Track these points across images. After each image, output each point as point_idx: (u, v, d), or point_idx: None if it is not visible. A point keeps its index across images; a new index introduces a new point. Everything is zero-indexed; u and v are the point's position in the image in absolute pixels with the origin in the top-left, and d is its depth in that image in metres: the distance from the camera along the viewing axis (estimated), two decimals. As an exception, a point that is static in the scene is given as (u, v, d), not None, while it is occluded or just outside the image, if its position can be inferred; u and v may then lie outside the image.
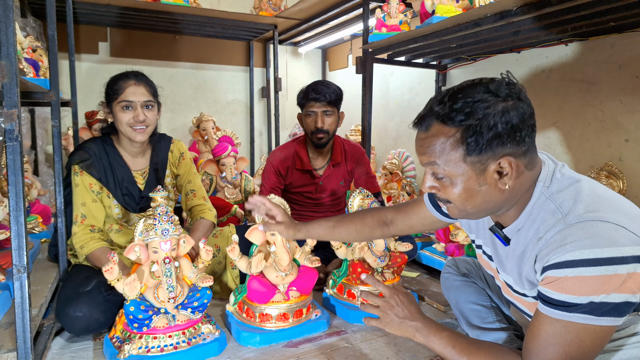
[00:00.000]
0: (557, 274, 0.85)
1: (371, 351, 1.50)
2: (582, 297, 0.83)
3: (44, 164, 3.24)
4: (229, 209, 2.72)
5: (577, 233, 0.84)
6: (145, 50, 3.82)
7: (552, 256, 0.86)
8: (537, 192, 0.95)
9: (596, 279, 0.81)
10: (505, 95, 0.88)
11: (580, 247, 0.83)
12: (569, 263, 0.83)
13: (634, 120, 2.07)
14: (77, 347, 1.53)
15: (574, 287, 0.83)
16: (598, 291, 0.82)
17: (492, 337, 1.29)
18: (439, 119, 0.91)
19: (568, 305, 0.84)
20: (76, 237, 1.69)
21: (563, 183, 0.94)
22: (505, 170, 0.90)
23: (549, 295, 0.87)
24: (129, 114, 1.70)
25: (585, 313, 0.83)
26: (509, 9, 1.82)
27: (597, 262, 0.81)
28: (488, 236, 1.12)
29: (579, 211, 0.87)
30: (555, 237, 0.88)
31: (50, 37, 1.74)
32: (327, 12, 3.25)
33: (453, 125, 0.89)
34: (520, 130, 0.88)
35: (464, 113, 0.88)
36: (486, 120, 0.86)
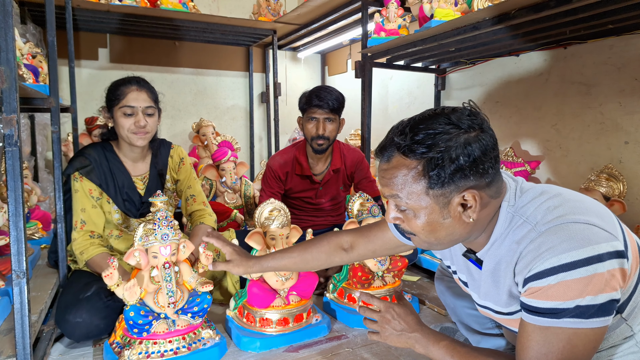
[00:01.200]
0: (540, 283, 0.84)
1: (372, 356, 1.49)
2: (569, 302, 0.81)
3: (44, 170, 3.24)
4: (228, 214, 2.71)
5: (551, 239, 0.83)
6: (145, 56, 3.83)
7: (531, 267, 0.85)
8: (504, 212, 0.94)
9: (578, 281, 0.80)
10: (467, 126, 0.86)
11: (556, 252, 0.82)
12: (550, 271, 0.82)
13: (634, 122, 2.07)
14: (76, 353, 1.52)
15: (559, 293, 0.82)
16: (583, 293, 0.81)
17: (492, 342, 1.28)
18: (400, 150, 0.89)
19: (556, 312, 0.83)
20: (76, 243, 1.68)
21: (526, 197, 0.93)
22: (470, 203, 0.89)
23: (535, 305, 0.86)
24: (130, 120, 1.70)
25: (573, 317, 0.82)
26: (507, 12, 1.82)
27: (576, 264, 0.80)
28: (462, 262, 1.11)
29: (547, 218, 0.86)
30: (529, 248, 0.86)
31: (50, 43, 1.75)
32: (325, 17, 3.26)
33: (414, 157, 0.87)
34: (483, 162, 0.86)
35: (425, 145, 0.86)
36: (447, 153, 0.84)
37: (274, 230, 1.56)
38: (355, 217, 1.80)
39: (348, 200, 1.86)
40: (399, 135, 0.90)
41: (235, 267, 1.33)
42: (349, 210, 1.83)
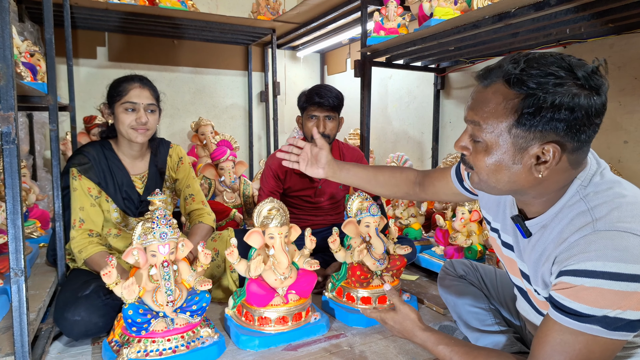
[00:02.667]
0: (574, 281, 0.81)
1: (371, 354, 1.49)
2: (597, 309, 0.79)
3: (42, 169, 3.23)
4: (227, 213, 2.71)
5: (604, 242, 0.79)
6: (144, 55, 3.82)
7: (572, 261, 0.81)
8: (573, 190, 0.89)
9: (615, 293, 0.77)
10: (583, 81, 0.80)
11: (604, 258, 0.78)
12: (589, 273, 0.79)
13: (633, 122, 2.07)
14: (75, 351, 1.52)
15: (590, 298, 0.79)
16: (614, 306, 0.78)
17: (491, 339, 1.28)
18: (505, 77, 0.84)
19: (581, 315, 0.81)
20: (74, 242, 1.68)
21: (601, 186, 0.87)
22: (546, 157, 0.83)
23: (562, 302, 0.83)
24: (131, 116, 1.70)
25: (598, 325, 0.80)
26: (507, 10, 1.82)
27: (620, 277, 0.77)
28: (509, 224, 1.06)
29: (611, 219, 0.81)
30: (579, 242, 0.82)
31: (48, 41, 1.74)
32: (325, 16, 3.25)
33: (516, 89, 0.82)
34: (582, 124, 0.81)
35: (534, 81, 0.80)
36: (552, 97, 0.79)
37: (272, 229, 1.56)
38: (354, 216, 1.80)
39: (347, 199, 1.85)
40: (510, 63, 0.84)
41: (328, 167, 1.41)
42: (347, 210, 1.83)
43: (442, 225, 2.31)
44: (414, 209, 2.62)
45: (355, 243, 1.77)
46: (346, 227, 1.76)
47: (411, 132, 3.56)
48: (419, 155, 3.47)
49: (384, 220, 1.85)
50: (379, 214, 1.78)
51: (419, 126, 3.46)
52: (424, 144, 3.42)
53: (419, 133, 3.47)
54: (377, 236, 1.76)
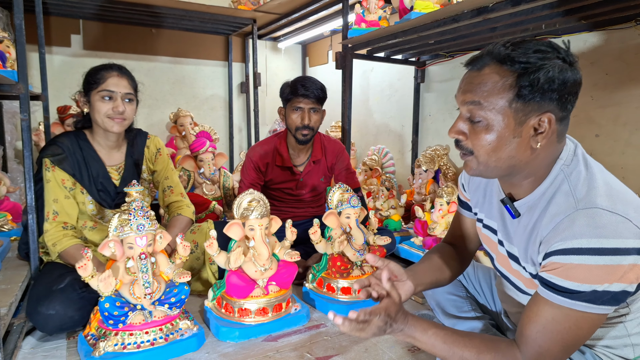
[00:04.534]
0: (563, 260, 0.85)
1: (350, 343, 1.50)
2: (586, 285, 0.83)
3: (13, 160, 3.14)
4: (207, 206, 2.68)
5: (586, 221, 0.84)
6: (121, 43, 3.73)
7: (559, 241, 0.86)
8: (557, 168, 0.95)
9: (601, 268, 0.82)
10: (565, 56, 0.89)
11: (587, 235, 0.83)
12: (576, 250, 0.84)
13: (605, 116, 2.13)
14: (50, 346, 1.49)
15: (580, 274, 0.83)
16: (602, 280, 0.82)
17: (468, 325, 1.30)
18: (498, 59, 0.90)
19: (571, 292, 0.85)
20: (48, 235, 1.64)
21: (580, 165, 0.94)
22: (543, 128, 0.90)
23: (552, 281, 0.87)
24: (108, 104, 1.66)
25: (587, 301, 0.84)
26: (485, 5, 1.84)
27: (603, 251, 0.82)
28: (496, 208, 1.10)
29: (591, 198, 0.87)
30: (564, 221, 0.88)
31: (18, 26, 1.68)
32: (306, 7, 3.23)
33: (510, 67, 0.89)
34: (570, 93, 0.89)
35: (526, 58, 0.88)
36: (544, 69, 0.86)
37: (252, 221, 1.55)
38: (335, 207, 1.80)
39: (328, 192, 1.86)
40: (499, 47, 0.92)
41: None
42: (328, 201, 1.84)
43: (421, 217, 2.34)
44: (394, 200, 2.65)
45: (335, 234, 1.78)
46: (327, 219, 1.77)
47: (392, 125, 3.58)
48: (400, 148, 3.50)
49: (364, 212, 1.86)
50: (359, 206, 1.80)
51: (399, 119, 3.49)
52: (404, 136, 3.45)
53: (399, 126, 3.50)
54: (357, 227, 1.77)
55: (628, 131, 2.05)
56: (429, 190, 2.77)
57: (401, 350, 1.46)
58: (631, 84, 2.02)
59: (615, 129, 2.09)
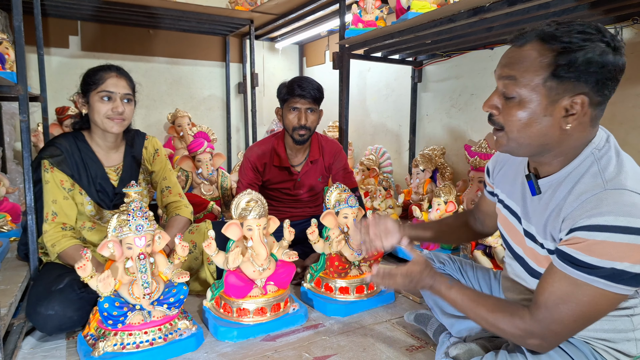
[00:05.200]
0: (587, 235, 0.86)
1: (348, 343, 1.51)
2: (606, 262, 0.85)
3: (12, 161, 3.14)
4: (205, 206, 2.69)
5: (615, 199, 0.86)
6: (119, 44, 3.74)
7: (585, 218, 0.87)
8: (587, 151, 0.96)
9: (625, 246, 0.83)
10: (610, 40, 0.89)
11: (615, 213, 0.84)
12: (601, 227, 0.85)
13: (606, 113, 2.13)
14: (49, 346, 1.49)
15: (602, 250, 0.85)
16: (623, 258, 0.84)
17: (466, 325, 1.31)
18: (541, 36, 0.92)
19: (591, 267, 0.86)
20: (47, 235, 1.64)
21: (611, 151, 0.95)
22: (575, 109, 0.91)
23: (573, 255, 0.89)
24: (107, 105, 1.67)
25: (605, 278, 0.86)
26: (482, 5, 1.85)
27: (630, 230, 0.83)
28: (519, 189, 1.13)
29: (620, 180, 0.89)
30: (591, 199, 0.89)
31: (16, 28, 1.68)
32: (303, 8, 3.24)
33: (552, 45, 0.90)
34: (608, 78, 0.89)
35: (569, 38, 0.88)
36: (584, 51, 0.87)
37: (251, 221, 1.56)
38: (333, 207, 1.81)
39: (325, 191, 1.86)
40: (544, 25, 0.93)
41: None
42: (326, 201, 1.84)
43: (418, 216, 2.35)
44: (391, 200, 2.66)
45: (333, 234, 1.78)
46: (325, 219, 1.78)
47: (389, 125, 3.59)
48: (397, 148, 3.51)
49: (361, 212, 1.87)
50: (357, 206, 1.80)
51: (396, 119, 3.50)
52: (401, 136, 3.46)
53: (396, 126, 3.50)
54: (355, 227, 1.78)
55: (624, 130, 2.06)
56: (426, 190, 2.78)
57: (399, 350, 1.47)
58: (627, 83, 2.03)
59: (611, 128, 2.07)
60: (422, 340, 1.53)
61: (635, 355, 0.98)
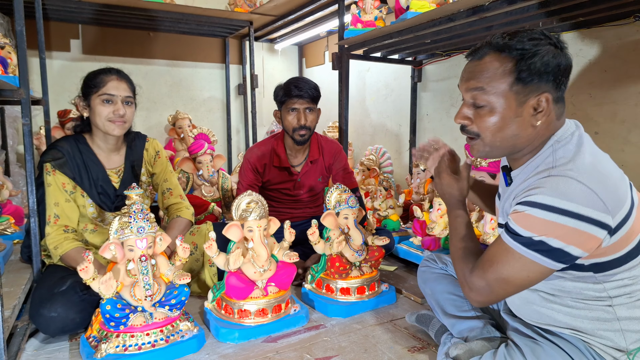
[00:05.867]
0: (521, 208, 0.97)
1: (349, 344, 1.52)
2: (526, 232, 0.95)
3: (15, 164, 3.16)
4: (206, 207, 2.70)
5: (552, 183, 0.94)
6: (119, 47, 3.75)
7: (525, 195, 0.97)
8: (549, 144, 1.04)
9: (546, 222, 0.92)
10: (556, 43, 1.00)
11: (548, 193, 0.93)
12: (532, 203, 0.95)
13: (602, 113, 2.14)
14: (52, 347, 1.50)
15: (526, 222, 0.95)
16: (540, 232, 0.93)
17: (467, 325, 1.32)
18: (496, 48, 1.01)
19: (515, 234, 0.97)
20: (50, 238, 1.65)
21: (570, 145, 1.01)
22: (542, 107, 1.00)
23: (508, 223, 1.00)
24: (108, 108, 1.68)
25: (525, 246, 0.96)
26: (481, 4, 1.85)
27: (555, 209, 0.91)
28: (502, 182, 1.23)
29: (566, 167, 0.96)
30: (535, 182, 0.98)
31: (19, 32, 1.69)
32: (302, 9, 3.25)
33: (509, 54, 0.99)
34: (562, 75, 0.99)
35: (522, 45, 0.99)
36: (540, 55, 0.97)
37: (251, 222, 1.56)
38: (333, 208, 1.81)
39: (326, 192, 1.87)
40: (497, 38, 1.03)
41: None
42: (326, 202, 1.85)
43: (419, 217, 2.35)
44: (392, 200, 2.66)
45: (334, 235, 1.79)
46: (325, 219, 1.78)
47: (389, 125, 3.59)
48: (397, 148, 3.51)
49: (362, 212, 1.87)
50: (357, 206, 1.81)
51: (396, 119, 3.50)
52: (401, 136, 3.46)
53: (396, 125, 3.51)
54: (355, 228, 1.79)
55: (626, 129, 2.06)
56: (427, 190, 2.78)
57: (401, 351, 1.47)
58: (629, 81, 2.03)
59: (613, 127, 2.10)
60: (423, 341, 1.53)
61: (625, 347, 1.00)
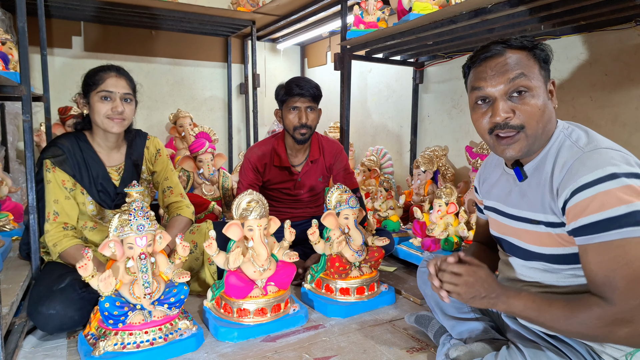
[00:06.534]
0: (588, 193, 0.92)
1: (348, 344, 1.51)
2: (623, 207, 0.88)
3: (15, 161, 3.15)
4: (206, 206, 2.70)
5: (595, 157, 0.95)
6: (121, 45, 3.75)
7: (575, 180, 0.95)
8: (557, 132, 1.09)
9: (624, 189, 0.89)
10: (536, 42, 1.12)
11: (600, 166, 0.92)
12: (595, 181, 0.92)
13: (604, 116, 2.13)
14: (50, 345, 1.50)
15: (608, 200, 0.89)
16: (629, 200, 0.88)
17: (467, 326, 1.31)
18: (509, 45, 1.08)
19: (613, 220, 0.89)
20: (49, 235, 1.65)
21: (578, 129, 1.08)
22: (554, 90, 1.10)
23: (592, 221, 0.92)
24: (107, 105, 1.68)
25: (631, 226, 0.88)
26: (483, 6, 1.85)
27: (617, 175, 0.90)
28: (502, 186, 1.24)
29: (594, 143, 0.99)
30: (574, 164, 0.98)
31: (20, 29, 1.69)
32: (305, 9, 3.25)
33: (524, 49, 1.08)
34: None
35: (529, 43, 1.08)
36: (545, 51, 1.09)
37: (251, 222, 1.56)
38: (334, 208, 1.81)
39: (326, 192, 1.87)
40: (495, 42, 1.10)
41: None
42: (327, 202, 1.85)
43: (419, 218, 2.35)
44: (392, 201, 2.66)
45: (334, 235, 1.78)
46: (325, 219, 1.78)
47: (390, 126, 3.59)
48: (398, 149, 3.51)
49: (362, 213, 1.87)
50: (357, 206, 1.81)
51: (397, 120, 3.50)
52: (402, 137, 3.46)
53: (397, 126, 3.51)
54: (355, 228, 1.78)
55: (627, 132, 2.06)
56: (427, 191, 2.78)
57: (400, 352, 1.47)
58: (630, 85, 2.03)
59: (614, 130, 2.10)
60: (422, 342, 1.53)
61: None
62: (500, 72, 1.06)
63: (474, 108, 1.15)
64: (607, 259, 0.91)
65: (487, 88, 1.08)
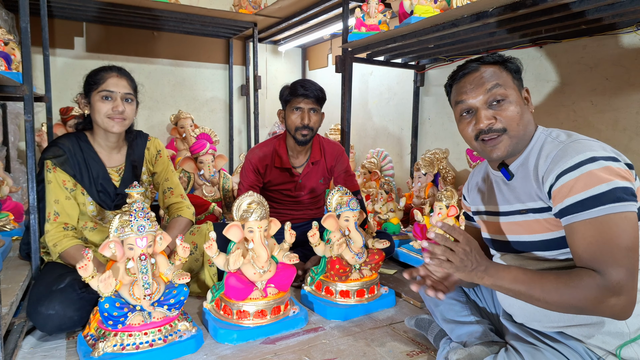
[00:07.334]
0: (571, 176, 1.00)
1: (348, 347, 1.51)
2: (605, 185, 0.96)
3: (16, 161, 3.16)
4: (207, 207, 2.70)
5: (576, 146, 1.04)
6: (123, 46, 3.75)
7: (559, 166, 1.03)
8: (538, 132, 1.18)
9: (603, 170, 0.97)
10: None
11: (582, 152, 1.01)
12: (577, 165, 1.00)
13: (604, 121, 2.14)
14: (49, 345, 1.50)
15: (590, 180, 0.97)
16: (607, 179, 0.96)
17: (467, 329, 1.31)
18: (480, 62, 1.20)
19: (597, 197, 0.96)
20: (49, 235, 1.65)
21: (556, 130, 1.17)
22: (529, 97, 1.21)
23: (577, 200, 0.99)
24: (108, 105, 1.68)
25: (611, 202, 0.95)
26: (485, 10, 1.85)
27: (598, 159, 0.99)
28: (488, 188, 1.31)
29: (574, 137, 1.08)
30: (558, 153, 1.06)
31: (23, 29, 1.70)
32: (306, 11, 3.25)
33: (494, 62, 1.19)
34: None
35: (500, 58, 1.20)
36: (514, 64, 1.20)
37: (252, 223, 1.56)
38: (334, 210, 1.81)
39: (327, 194, 1.87)
40: (470, 61, 1.22)
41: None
42: (327, 204, 1.85)
43: (420, 220, 2.35)
44: (392, 203, 2.66)
45: (334, 237, 1.78)
46: (326, 221, 1.78)
47: (391, 128, 3.59)
48: (399, 151, 3.51)
49: (363, 215, 1.87)
50: (358, 209, 1.81)
51: (398, 122, 3.50)
52: (403, 139, 3.46)
53: (398, 129, 3.51)
54: (356, 230, 1.78)
55: (627, 136, 2.06)
56: (428, 194, 2.78)
57: (399, 355, 1.46)
58: (630, 89, 2.03)
59: (614, 135, 2.10)
60: (422, 345, 1.53)
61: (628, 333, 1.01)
62: (478, 85, 1.17)
63: (459, 120, 1.23)
64: (592, 234, 0.97)
65: (469, 100, 1.18)
